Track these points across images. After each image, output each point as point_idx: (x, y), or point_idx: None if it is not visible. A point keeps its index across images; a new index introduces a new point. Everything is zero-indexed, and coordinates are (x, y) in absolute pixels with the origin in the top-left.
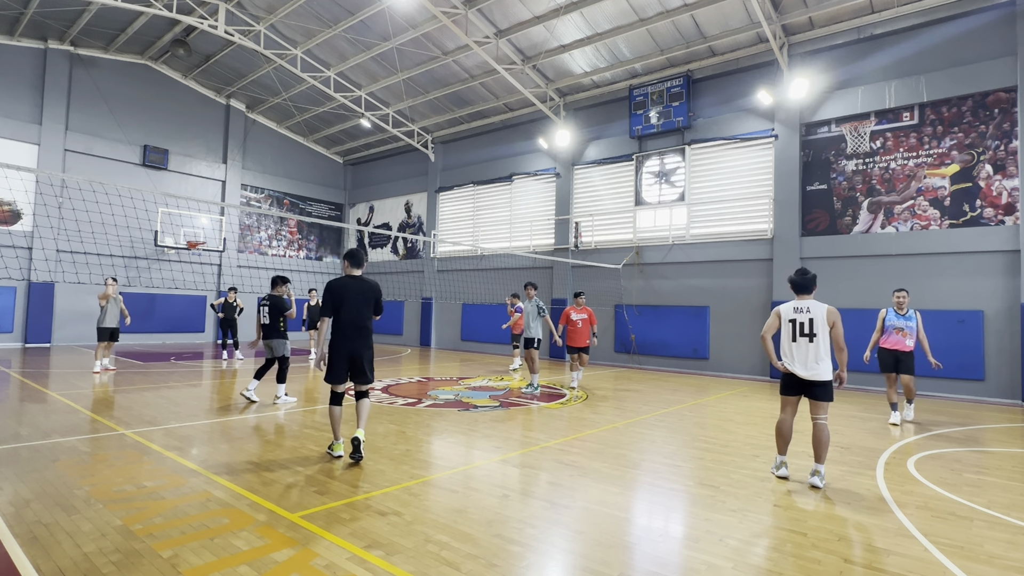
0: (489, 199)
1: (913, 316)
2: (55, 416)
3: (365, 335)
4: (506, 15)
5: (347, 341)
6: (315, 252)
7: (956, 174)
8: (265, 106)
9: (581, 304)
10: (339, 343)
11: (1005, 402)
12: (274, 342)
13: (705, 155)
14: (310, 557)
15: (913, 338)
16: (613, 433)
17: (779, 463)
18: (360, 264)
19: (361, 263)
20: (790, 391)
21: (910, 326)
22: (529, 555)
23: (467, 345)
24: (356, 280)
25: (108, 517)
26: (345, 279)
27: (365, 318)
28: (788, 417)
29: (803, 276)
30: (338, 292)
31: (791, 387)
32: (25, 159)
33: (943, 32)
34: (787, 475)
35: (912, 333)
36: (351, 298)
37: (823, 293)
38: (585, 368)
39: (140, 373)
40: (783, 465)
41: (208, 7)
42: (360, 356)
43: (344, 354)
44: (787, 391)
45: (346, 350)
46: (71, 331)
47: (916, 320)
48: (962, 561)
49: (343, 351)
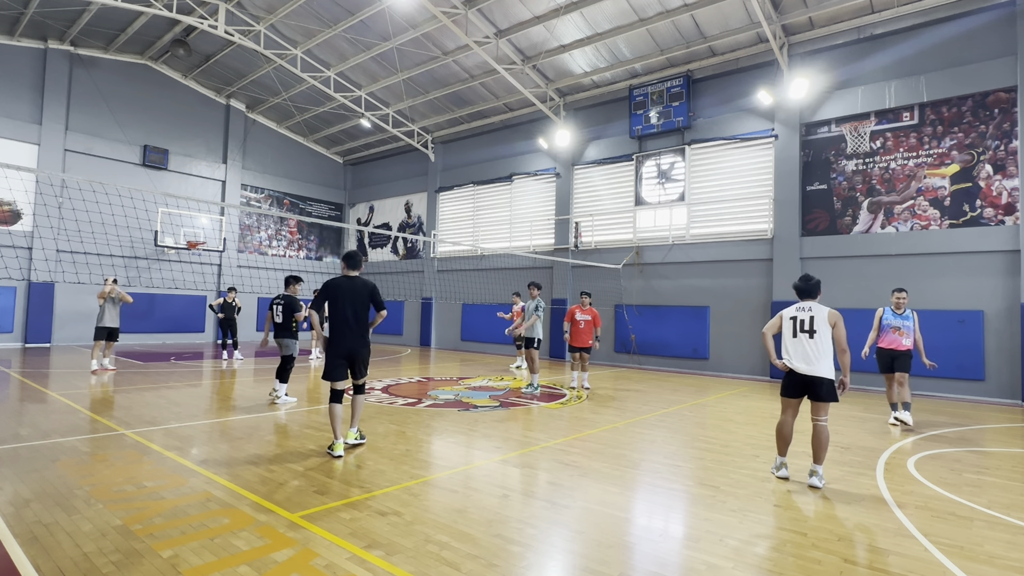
0: (489, 199)
1: (910, 316)
2: (55, 416)
3: (361, 333)
4: (506, 15)
5: (343, 339)
6: (315, 252)
7: (956, 174)
8: (265, 106)
9: (587, 304)
10: (336, 341)
11: (1005, 402)
12: (286, 340)
13: (705, 155)
14: (310, 557)
15: (910, 338)
16: (613, 433)
17: (779, 464)
18: (356, 266)
19: (357, 265)
20: (791, 392)
21: (907, 325)
22: (529, 555)
23: (467, 345)
24: (350, 280)
25: (108, 517)
26: (340, 279)
27: (361, 316)
28: (789, 419)
29: (807, 282)
30: (332, 291)
31: (792, 388)
32: (25, 159)
33: (943, 32)
34: (787, 475)
35: (909, 333)
36: (345, 297)
37: (823, 292)
38: (587, 371)
39: (140, 373)
40: (783, 466)
41: (208, 7)
42: (356, 354)
43: (341, 352)
44: (788, 392)
45: (343, 348)
46: (71, 331)
47: (913, 320)
48: (962, 561)
49: (340, 349)
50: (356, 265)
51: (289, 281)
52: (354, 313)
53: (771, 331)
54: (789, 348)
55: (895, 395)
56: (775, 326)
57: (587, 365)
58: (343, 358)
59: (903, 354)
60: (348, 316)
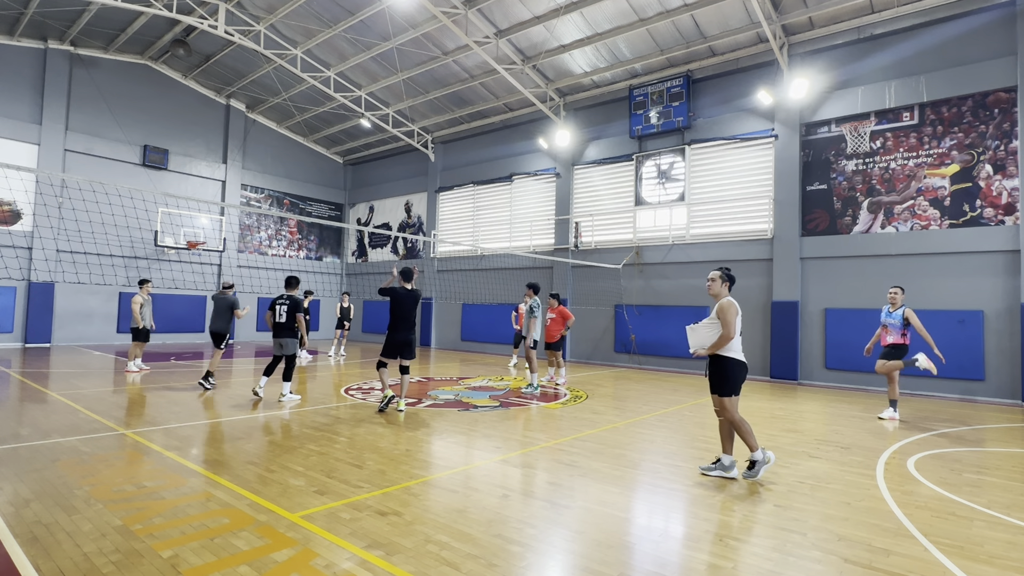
0: (489, 199)
1: (897, 314)
2: (55, 416)
3: (412, 326)
4: (506, 15)
5: (401, 331)
6: (315, 252)
7: (956, 174)
8: (265, 106)
9: (553, 305)
10: (397, 331)
11: (1005, 402)
12: (287, 340)
13: (705, 155)
14: (310, 557)
15: (893, 335)
16: (613, 433)
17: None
18: (410, 278)
19: (411, 278)
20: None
21: (892, 324)
22: (529, 555)
23: (467, 345)
24: (409, 292)
25: (108, 517)
26: (400, 290)
27: (412, 316)
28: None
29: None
30: (394, 298)
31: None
32: (25, 159)
33: (943, 32)
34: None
35: (893, 330)
36: (405, 303)
37: (823, 292)
38: (565, 368)
39: (140, 373)
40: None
41: (208, 7)
42: (410, 341)
43: (400, 340)
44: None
45: (401, 337)
46: (71, 331)
47: (901, 318)
48: (962, 561)
49: (399, 338)
50: (409, 279)
51: (293, 282)
52: (410, 313)
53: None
54: (738, 343)
55: (895, 392)
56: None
57: (560, 361)
58: (398, 344)
59: (887, 350)
60: (404, 315)
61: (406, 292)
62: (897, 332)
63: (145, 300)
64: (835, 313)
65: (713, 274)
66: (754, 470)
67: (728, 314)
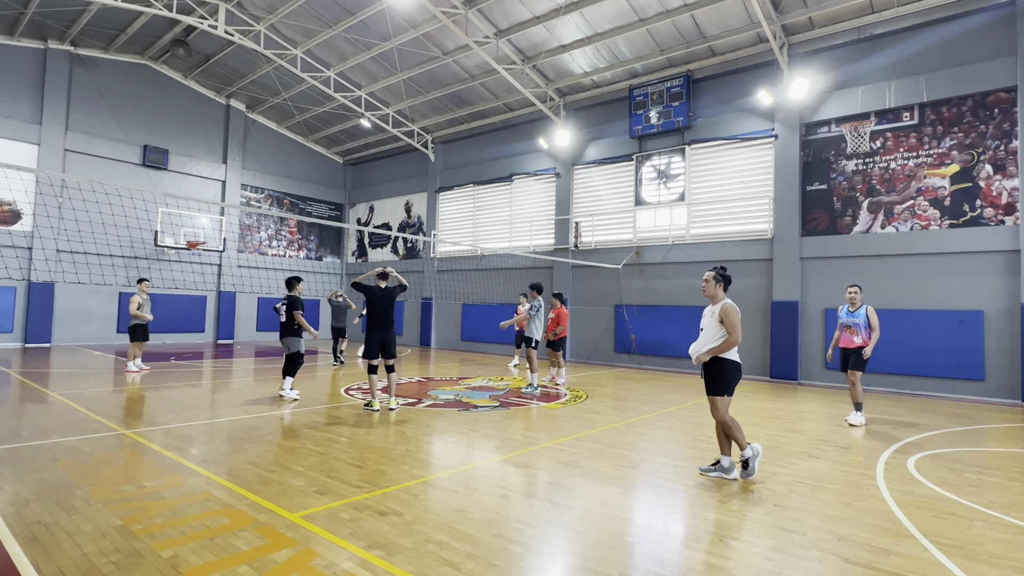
0: (489, 199)
1: (861, 313)
2: (55, 416)
3: (388, 325)
4: (506, 15)
5: (377, 330)
6: (315, 252)
7: (956, 174)
8: (265, 106)
9: (555, 305)
10: (372, 330)
11: (1005, 402)
12: (289, 339)
13: (705, 155)
14: (310, 557)
15: (860, 335)
16: (613, 433)
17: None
18: (385, 278)
19: (386, 277)
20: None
21: (856, 323)
22: (529, 555)
23: (467, 345)
24: (382, 290)
25: (108, 517)
26: (375, 288)
27: (388, 315)
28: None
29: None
30: (368, 296)
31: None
32: (25, 159)
33: (943, 32)
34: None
35: (858, 330)
36: (377, 301)
37: (823, 292)
38: (565, 368)
39: (140, 373)
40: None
41: (208, 7)
42: (387, 339)
43: (376, 338)
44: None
45: (377, 336)
46: (71, 331)
47: (866, 317)
48: (962, 561)
49: (375, 336)
50: (385, 278)
51: (293, 282)
52: (385, 311)
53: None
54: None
55: (858, 395)
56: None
57: (561, 361)
58: (378, 342)
59: (853, 352)
60: (380, 314)
61: (380, 291)
62: (864, 332)
63: (144, 299)
64: (835, 313)
65: (707, 275)
66: (749, 468)
67: (734, 319)
